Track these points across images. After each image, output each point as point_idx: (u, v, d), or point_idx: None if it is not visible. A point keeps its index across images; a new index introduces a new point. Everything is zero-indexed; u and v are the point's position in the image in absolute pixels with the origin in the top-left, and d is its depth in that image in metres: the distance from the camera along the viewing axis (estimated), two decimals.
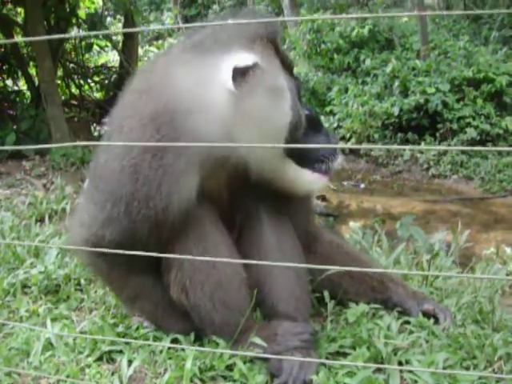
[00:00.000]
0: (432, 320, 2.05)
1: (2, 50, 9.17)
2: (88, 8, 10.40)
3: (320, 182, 1.93)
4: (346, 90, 10.63)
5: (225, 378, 1.82)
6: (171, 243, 1.85)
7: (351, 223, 3.75)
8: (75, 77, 10.28)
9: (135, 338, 2.04)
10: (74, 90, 10.28)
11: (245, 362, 1.83)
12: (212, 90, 1.73)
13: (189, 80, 1.75)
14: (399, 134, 9.59)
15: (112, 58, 13.27)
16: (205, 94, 1.73)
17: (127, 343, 2.00)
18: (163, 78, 1.80)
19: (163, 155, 1.72)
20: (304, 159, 1.87)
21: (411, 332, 2.00)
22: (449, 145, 9.13)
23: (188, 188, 1.77)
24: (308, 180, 1.90)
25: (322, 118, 10.33)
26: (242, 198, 2.00)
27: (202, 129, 1.73)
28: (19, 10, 9.54)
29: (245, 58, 1.71)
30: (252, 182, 1.90)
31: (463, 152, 9.00)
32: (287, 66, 1.84)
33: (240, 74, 1.70)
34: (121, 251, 1.53)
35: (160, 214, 1.75)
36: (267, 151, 1.80)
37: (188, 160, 1.74)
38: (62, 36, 6.14)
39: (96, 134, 9.65)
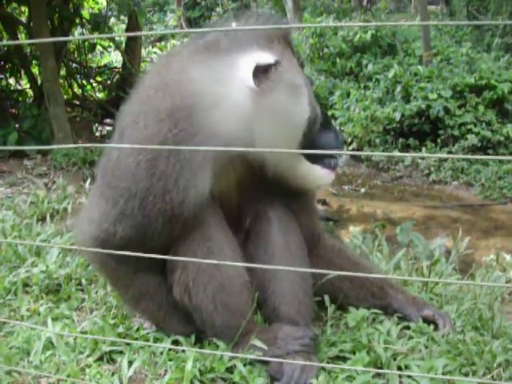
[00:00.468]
0: (432, 326, 2.06)
1: (5, 48, 9.18)
2: (92, 8, 10.41)
3: (329, 177, 1.98)
4: (348, 95, 10.64)
5: (225, 380, 1.82)
6: (176, 244, 1.86)
7: (351, 228, 3.75)
8: (78, 77, 10.28)
9: (136, 339, 2.04)
10: (76, 89, 10.28)
11: (245, 365, 1.84)
12: (231, 86, 1.76)
13: (206, 77, 1.77)
14: (400, 140, 9.59)
15: (115, 58, 13.30)
16: (224, 90, 1.76)
17: (128, 344, 2.01)
18: (180, 76, 1.82)
19: (181, 150, 1.73)
20: (314, 155, 1.93)
21: (411, 337, 2.01)
22: (450, 151, 9.13)
23: (204, 182, 1.78)
24: (318, 175, 1.96)
25: None
26: (250, 199, 2.02)
27: (221, 124, 1.75)
28: (23, 8, 9.57)
29: (266, 57, 1.76)
30: (263, 180, 1.93)
31: (464, 158, 9.01)
32: (301, 65, 1.92)
33: (261, 71, 1.75)
34: (126, 252, 1.54)
35: (176, 208, 1.76)
36: (285, 147, 1.84)
37: (205, 154, 1.75)
38: (66, 38, 6.16)
39: (98, 134, 9.66)
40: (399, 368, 1.85)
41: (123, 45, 10.30)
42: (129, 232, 1.81)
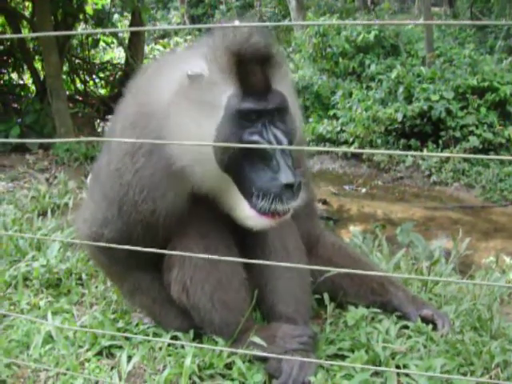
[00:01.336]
0: (430, 326, 2.06)
1: (8, 43, 9.18)
2: (95, 4, 10.41)
3: (260, 223, 1.70)
4: (350, 95, 10.65)
5: (223, 376, 1.83)
6: (172, 242, 1.87)
7: (351, 227, 3.76)
8: (80, 72, 10.29)
9: (135, 334, 2.05)
10: (79, 85, 10.29)
11: (244, 362, 1.84)
12: (164, 96, 1.73)
13: (156, 85, 1.79)
14: (402, 140, 9.60)
15: (118, 54, 13.29)
16: (162, 100, 1.73)
17: (127, 339, 2.01)
18: (145, 84, 1.85)
19: (138, 159, 1.77)
20: (245, 188, 1.68)
21: (409, 337, 2.01)
22: (451, 152, 9.13)
23: (172, 194, 1.79)
24: (246, 215, 1.71)
25: (326, 121, 10.34)
26: None
27: (161, 133, 1.72)
28: (27, 3, 9.57)
29: (194, 68, 1.66)
30: None
31: (465, 160, 9.01)
32: (251, 86, 1.66)
33: (187, 82, 1.67)
34: (120, 246, 1.55)
35: (149, 217, 1.80)
36: (201, 165, 1.68)
37: (158, 168, 1.76)
38: (69, 33, 6.16)
39: (100, 130, 9.67)
40: (397, 367, 1.85)
41: (126, 41, 10.30)
42: (114, 235, 1.88)
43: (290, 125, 1.72)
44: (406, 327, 2.08)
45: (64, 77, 9.37)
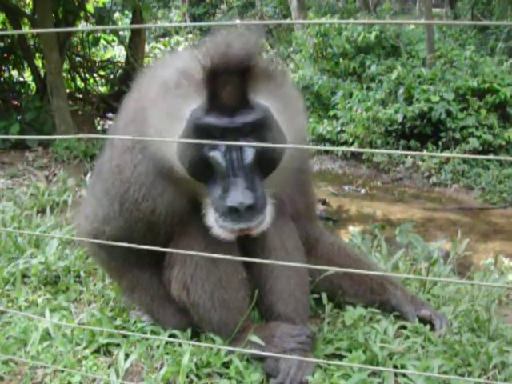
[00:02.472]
0: (428, 326, 2.06)
1: (9, 40, 9.18)
2: (96, 2, 10.42)
3: (221, 234, 1.66)
4: (351, 95, 10.64)
5: (221, 374, 1.83)
6: (174, 240, 1.87)
7: (351, 228, 3.76)
8: (81, 70, 10.29)
9: (133, 332, 2.05)
10: (79, 83, 10.29)
11: (241, 361, 1.84)
12: (151, 96, 1.71)
13: (148, 83, 1.78)
14: (402, 141, 9.60)
15: (118, 53, 13.29)
16: (149, 99, 1.72)
17: (125, 336, 2.01)
18: (142, 80, 1.85)
19: (136, 155, 1.77)
20: (213, 199, 1.64)
21: (407, 337, 2.01)
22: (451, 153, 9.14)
23: (170, 193, 1.78)
24: (210, 224, 1.68)
25: (326, 121, 10.34)
26: None
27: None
28: (28, 1, 9.57)
29: (171, 74, 1.64)
30: None
31: (465, 161, 9.01)
32: (219, 100, 1.59)
33: (163, 88, 1.65)
34: (120, 244, 1.54)
35: (149, 216, 1.79)
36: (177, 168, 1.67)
37: (151, 165, 1.76)
38: (70, 29, 6.15)
39: (99, 127, 9.67)
40: (395, 367, 1.85)
41: (127, 39, 10.30)
42: (115, 232, 1.88)
43: (270, 141, 1.62)
44: (404, 327, 2.08)
45: (64, 74, 9.37)
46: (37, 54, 9.49)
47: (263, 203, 1.61)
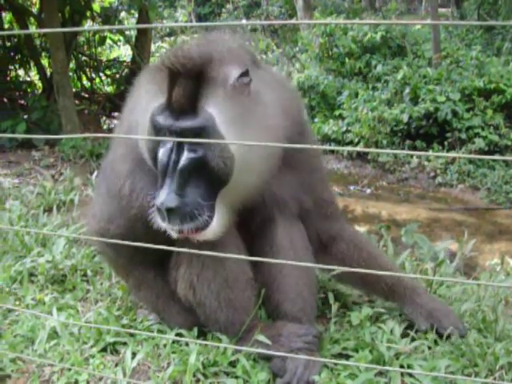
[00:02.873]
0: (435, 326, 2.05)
1: (16, 40, 9.21)
2: (103, 2, 10.43)
3: (170, 232, 1.69)
4: (357, 95, 10.62)
5: (227, 374, 1.83)
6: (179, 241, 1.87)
7: (356, 228, 3.74)
8: (87, 69, 10.31)
9: (140, 331, 2.06)
10: (85, 82, 10.31)
11: (248, 360, 1.84)
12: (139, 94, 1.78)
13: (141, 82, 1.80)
14: (407, 141, 9.58)
15: (124, 52, 13.31)
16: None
17: (131, 335, 2.02)
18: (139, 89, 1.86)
19: (127, 152, 1.82)
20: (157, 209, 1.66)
21: (414, 338, 2.01)
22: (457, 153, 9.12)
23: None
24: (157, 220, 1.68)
25: (331, 121, 10.32)
26: (258, 204, 1.92)
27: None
28: (34, 0, 9.60)
29: (146, 84, 1.69)
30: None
31: (470, 162, 8.98)
32: (172, 101, 1.59)
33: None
34: (126, 242, 1.54)
35: (145, 214, 1.75)
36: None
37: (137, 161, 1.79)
38: (76, 29, 6.17)
39: (105, 127, 9.69)
40: (402, 367, 1.85)
41: (133, 39, 10.31)
42: (120, 231, 1.89)
43: (209, 152, 1.58)
44: (411, 327, 2.08)
45: (70, 74, 9.38)
46: (43, 54, 9.51)
47: (196, 211, 1.60)
